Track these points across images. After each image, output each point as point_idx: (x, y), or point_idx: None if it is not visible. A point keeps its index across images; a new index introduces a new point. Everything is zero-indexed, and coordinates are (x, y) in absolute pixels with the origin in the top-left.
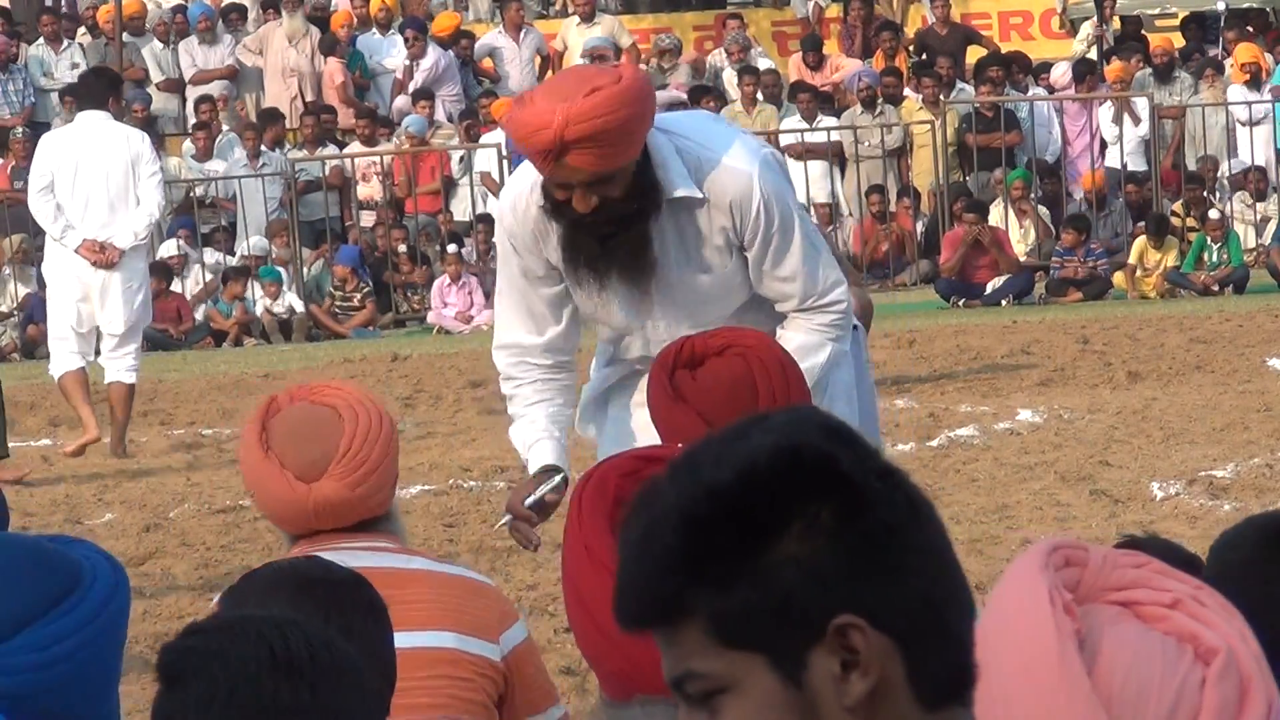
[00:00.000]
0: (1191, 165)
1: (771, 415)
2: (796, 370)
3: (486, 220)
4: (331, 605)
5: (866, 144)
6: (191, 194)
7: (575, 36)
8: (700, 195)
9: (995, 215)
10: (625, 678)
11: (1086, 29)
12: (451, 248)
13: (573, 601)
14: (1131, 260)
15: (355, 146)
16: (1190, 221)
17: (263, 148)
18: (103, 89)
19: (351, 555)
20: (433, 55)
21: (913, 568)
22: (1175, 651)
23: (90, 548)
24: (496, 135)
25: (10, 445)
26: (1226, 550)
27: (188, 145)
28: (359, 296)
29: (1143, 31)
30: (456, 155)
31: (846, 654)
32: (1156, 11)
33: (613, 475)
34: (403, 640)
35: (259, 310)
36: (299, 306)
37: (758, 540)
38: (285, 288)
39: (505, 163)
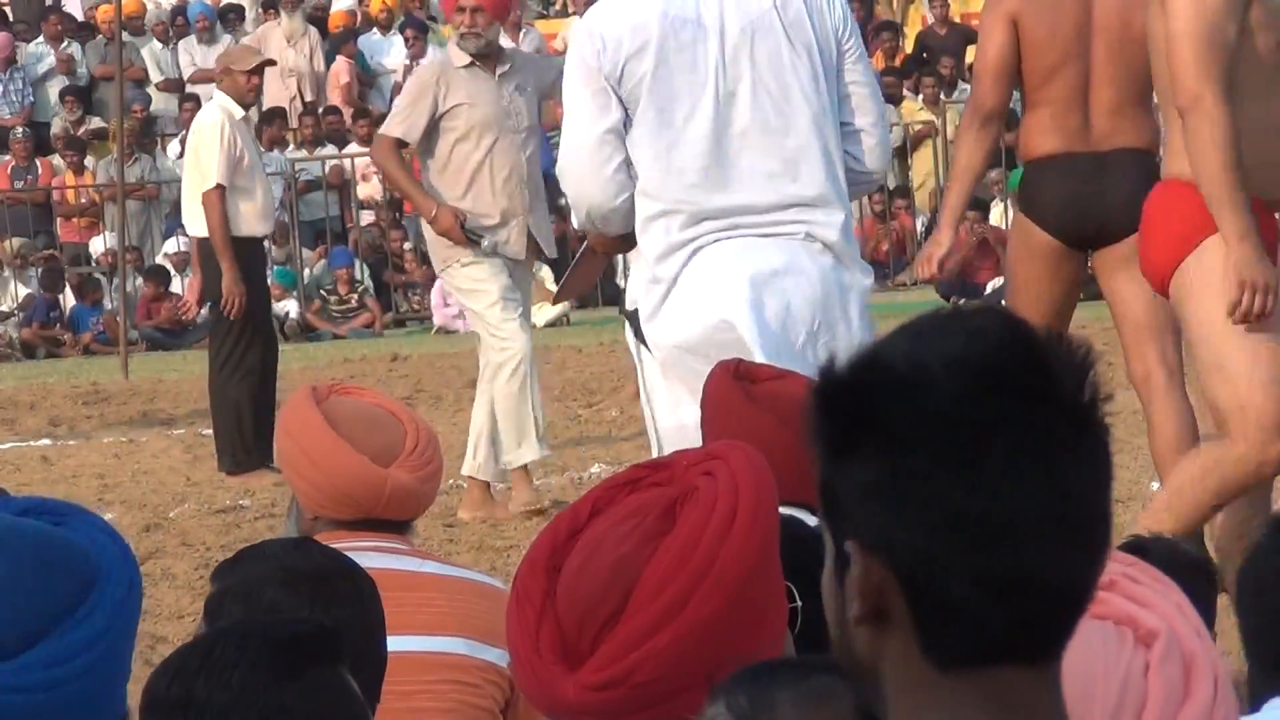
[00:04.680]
0: None
1: (913, 326)
2: None
3: None
4: (318, 596)
5: None
6: None
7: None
8: None
9: (995, 215)
10: (546, 710)
11: None
12: None
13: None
14: None
15: (355, 146)
16: None
17: (262, 148)
18: None
19: (364, 555)
20: (433, 55)
21: (924, 521)
22: (1116, 640)
23: (93, 530)
24: None
25: (10, 445)
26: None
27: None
28: (356, 298)
29: None
30: None
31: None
32: None
33: (590, 497)
34: (412, 644)
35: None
36: (295, 310)
37: (838, 447)
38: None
39: None
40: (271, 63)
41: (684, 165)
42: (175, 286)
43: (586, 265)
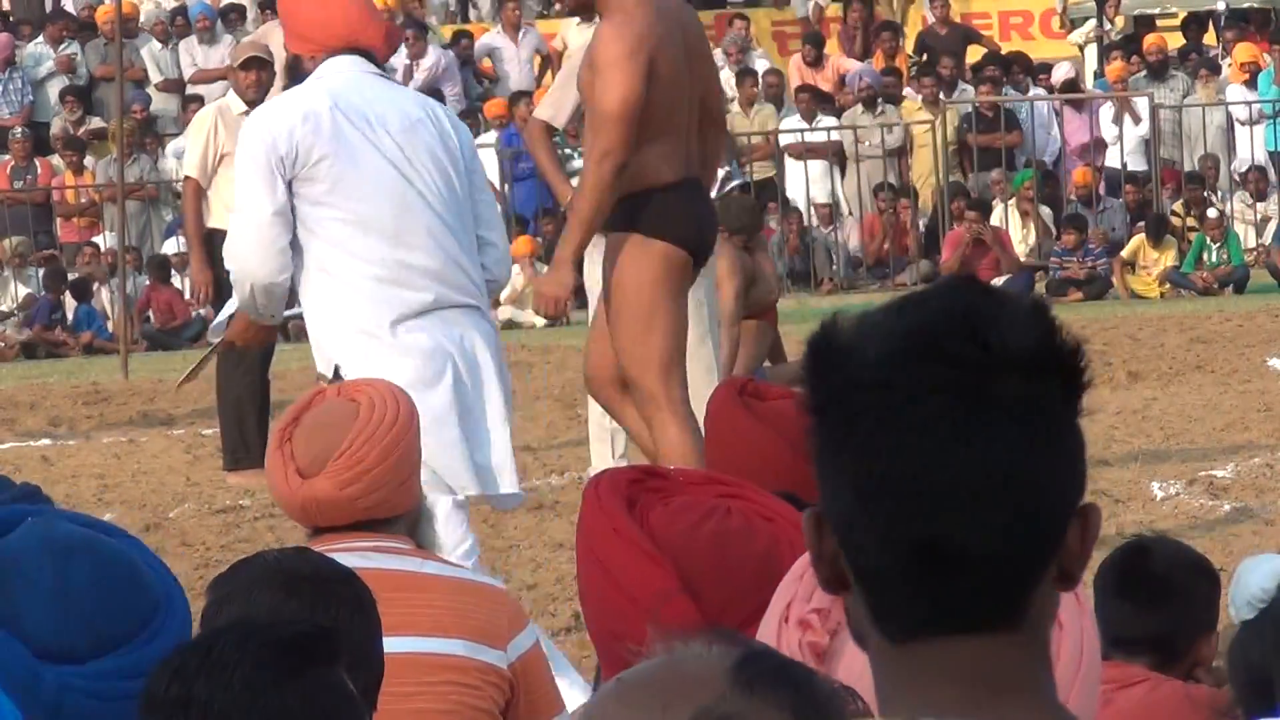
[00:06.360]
0: (1190, 165)
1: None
2: None
3: None
4: (318, 600)
5: (867, 144)
6: None
7: (575, 36)
8: None
9: (996, 215)
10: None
11: (1087, 27)
12: None
13: (598, 579)
14: (1124, 256)
15: None
16: (1190, 221)
17: None
18: None
19: (363, 556)
20: (433, 55)
21: (845, 486)
22: None
23: (147, 554)
24: (494, 136)
25: (10, 445)
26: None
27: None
28: None
29: (1141, 30)
30: None
31: None
32: (1157, 11)
33: (622, 478)
34: (412, 645)
35: None
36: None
37: (806, 411)
38: None
39: (507, 162)
40: (257, 59)
41: (379, 229)
42: (176, 284)
43: (210, 359)
